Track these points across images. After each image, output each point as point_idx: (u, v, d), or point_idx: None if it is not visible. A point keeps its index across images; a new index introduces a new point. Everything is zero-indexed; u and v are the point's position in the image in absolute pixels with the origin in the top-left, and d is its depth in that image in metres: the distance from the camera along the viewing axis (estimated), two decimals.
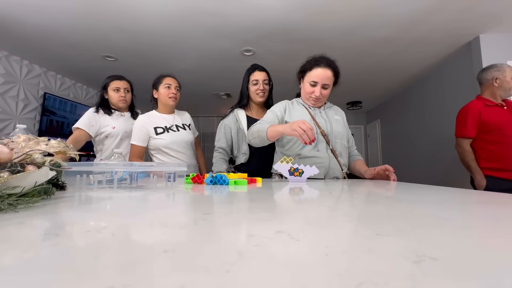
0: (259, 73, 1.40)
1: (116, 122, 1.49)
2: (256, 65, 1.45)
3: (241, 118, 1.41)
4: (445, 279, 0.13)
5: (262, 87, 1.39)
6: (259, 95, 1.39)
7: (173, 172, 0.68)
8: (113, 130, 1.46)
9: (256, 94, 1.40)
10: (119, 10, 2.02)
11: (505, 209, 0.34)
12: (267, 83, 1.41)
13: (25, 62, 2.87)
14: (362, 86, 3.83)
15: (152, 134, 1.37)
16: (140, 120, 1.39)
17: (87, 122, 1.43)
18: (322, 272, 0.14)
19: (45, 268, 0.14)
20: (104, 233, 0.22)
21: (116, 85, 1.50)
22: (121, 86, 1.51)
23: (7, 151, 0.35)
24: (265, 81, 1.39)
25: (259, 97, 1.40)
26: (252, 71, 1.42)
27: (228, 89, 3.99)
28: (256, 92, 1.39)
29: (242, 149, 1.37)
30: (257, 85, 1.39)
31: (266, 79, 1.40)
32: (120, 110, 1.56)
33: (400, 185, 0.77)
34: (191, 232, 0.23)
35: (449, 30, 2.26)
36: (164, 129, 1.39)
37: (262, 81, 1.38)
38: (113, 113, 1.52)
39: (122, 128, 1.48)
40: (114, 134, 1.47)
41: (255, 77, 1.39)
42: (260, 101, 1.41)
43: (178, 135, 1.41)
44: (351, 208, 0.37)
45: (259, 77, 1.39)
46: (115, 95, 1.50)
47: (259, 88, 1.38)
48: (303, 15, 2.07)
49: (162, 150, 1.37)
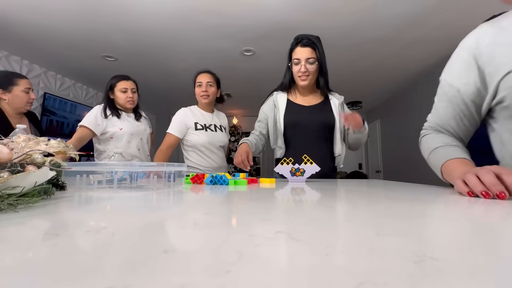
0: (302, 50, 1.08)
1: (123, 123, 1.46)
2: (300, 38, 1.10)
3: (280, 104, 1.16)
4: (445, 279, 0.13)
5: (305, 68, 1.08)
6: (301, 78, 1.10)
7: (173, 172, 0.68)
8: (119, 131, 1.43)
9: (297, 77, 1.12)
10: (119, 10, 2.02)
11: (505, 209, 0.34)
12: (313, 62, 1.08)
13: (25, 62, 2.88)
14: (362, 86, 3.83)
15: (191, 128, 1.35)
16: (181, 111, 1.39)
17: (93, 121, 1.39)
18: (322, 272, 0.14)
19: (45, 268, 0.14)
20: (104, 233, 0.22)
21: (123, 86, 1.47)
22: (128, 86, 1.48)
23: (7, 151, 0.35)
24: (310, 59, 1.08)
25: (301, 80, 1.11)
26: (294, 46, 1.12)
27: (228, 89, 3.99)
28: (298, 75, 1.11)
29: (278, 142, 1.16)
30: (298, 65, 1.09)
31: (311, 57, 1.07)
32: (125, 111, 1.53)
33: (400, 185, 0.77)
34: (191, 232, 0.23)
35: (449, 30, 2.26)
36: (203, 127, 1.39)
37: (304, 60, 1.08)
38: (121, 114, 1.48)
39: (128, 130, 1.45)
40: (120, 136, 1.43)
41: (296, 55, 1.09)
42: (303, 85, 1.12)
43: (214, 136, 1.40)
44: (351, 208, 0.37)
45: (301, 55, 1.08)
46: (122, 96, 1.46)
47: (300, 70, 1.09)
48: (303, 15, 2.07)
49: (198, 148, 1.36)
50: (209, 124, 1.42)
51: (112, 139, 1.43)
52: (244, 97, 4.43)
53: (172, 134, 1.32)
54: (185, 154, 1.41)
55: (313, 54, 1.08)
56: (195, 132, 1.36)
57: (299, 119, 1.14)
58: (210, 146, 1.37)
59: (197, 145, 1.35)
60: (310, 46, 1.08)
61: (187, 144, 1.38)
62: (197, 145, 1.35)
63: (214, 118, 1.47)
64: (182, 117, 1.36)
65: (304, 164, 0.89)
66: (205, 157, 1.38)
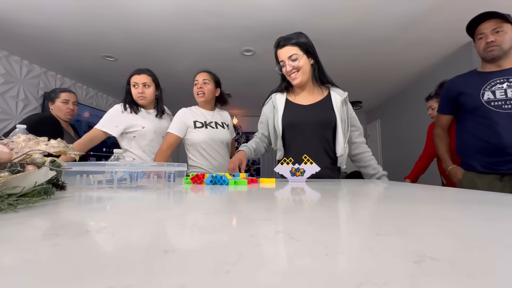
0: (282, 51, 1.09)
1: (145, 121, 1.38)
2: (277, 41, 1.12)
3: (279, 104, 1.15)
4: (445, 279, 0.13)
5: (290, 66, 1.07)
6: (292, 77, 1.10)
7: (173, 172, 0.68)
8: (142, 130, 1.36)
9: (289, 77, 1.12)
10: (119, 10, 2.02)
11: (505, 209, 0.34)
12: (296, 58, 1.06)
13: (25, 62, 2.87)
14: (362, 86, 3.83)
15: (190, 126, 1.35)
16: (181, 111, 1.38)
17: (109, 123, 1.32)
18: (322, 272, 0.14)
19: (45, 268, 0.14)
20: (104, 233, 0.22)
21: (134, 81, 1.37)
22: (139, 81, 1.36)
23: (7, 151, 0.35)
24: (292, 56, 1.06)
25: (293, 79, 1.10)
26: (275, 51, 1.13)
27: (228, 89, 3.99)
28: (288, 75, 1.11)
29: (277, 143, 1.15)
30: (284, 66, 1.10)
31: (291, 54, 1.06)
32: (144, 108, 1.43)
33: (400, 185, 0.77)
34: (191, 232, 0.23)
35: (449, 30, 2.26)
36: (203, 124, 1.38)
37: (287, 59, 1.07)
38: (140, 111, 1.40)
39: (151, 128, 1.38)
40: (143, 134, 1.36)
41: (280, 58, 1.10)
42: (296, 84, 1.11)
43: (215, 132, 1.39)
44: (351, 208, 0.37)
45: (282, 56, 1.08)
46: (134, 91, 1.37)
47: (287, 70, 1.09)
48: (303, 15, 2.07)
49: (199, 146, 1.35)
50: (210, 121, 1.41)
51: (135, 138, 1.37)
52: (244, 97, 4.44)
53: (172, 134, 1.32)
54: (188, 155, 1.41)
55: (293, 51, 1.07)
56: (195, 130, 1.35)
57: (297, 119, 1.12)
58: (211, 143, 1.36)
59: (197, 143, 1.35)
60: (288, 44, 1.08)
61: (188, 143, 1.38)
62: (197, 143, 1.35)
63: (215, 115, 1.46)
64: (182, 116, 1.36)
65: (304, 164, 0.89)
66: (207, 156, 1.37)
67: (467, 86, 1.23)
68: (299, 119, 1.12)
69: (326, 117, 1.11)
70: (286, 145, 1.15)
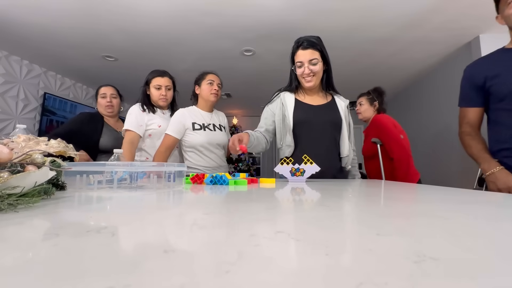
0: (303, 53, 1.09)
1: (161, 120, 1.43)
2: (300, 41, 1.12)
3: (288, 103, 1.16)
4: (445, 279, 0.13)
5: (308, 69, 1.09)
6: (306, 79, 1.12)
7: (173, 172, 0.68)
8: (158, 128, 1.39)
9: (302, 78, 1.13)
10: (119, 10, 2.02)
11: (505, 209, 0.34)
12: (316, 63, 1.09)
13: (25, 62, 2.88)
14: (362, 86, 3.82)
15: (189, 128, 1.35)
16: (179, 112, 1.38)
17: (135, 123, 1.36)
18: (322, 272, 0.14)
19: (45, 268, 0.14)
20: (104, 233, 0.22)
21: (157, 83, 1.42)
22: (163, 84, 1.43)
23: (7, 151, 0.35)
24: (313, 60, 1.09)
25: (306, 82, 1.12)
26: (295, 50, 1.13)
27: (228, 89, 3.99)
28: (303, 76, 1.12)
29: (287, 140, 1.14)
30: (302, 68, 1.11)
31: (313, 58, 1.09)
32: (161, 108, 1.49)
33: (400, 185, 0.77)
34: (191, 232, 0.23)
35: (449, 30, 2.26)
36: (202, 126, 1.38)
37: (307, 62, 1.09)
38: (156, 111, 1.45)
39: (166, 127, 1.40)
40: (158, 133, 1.39)
41: (299, 58, 1.11)
42: (308, 86, 1.14)
43: (213, 135, 1.39)
44: (351, 208, 0.37)
45: (303, 57, 1.09)
46: (156, 93, 1.43)
47: (304, 72, 1.10)
48: (303, 15, 2.07)
49: (197, 148, 1.35)
50: (208, 123, 1.41)
51: (151, 137, 1.40)
52: (244, 97, 4.43)
53: (170, 135, 1.32)
54: (184, 156, 1.40)
55: (315, 55, 1.09)
56: (193, 132, 1.35)
57: (309, 117, 1.13)
58: (209, 145, 1.37)
59: (195, 145, 1.35)
60: (311, 47, 1.09)
61: (186, 145, 1.38)
62: (195, 145, 1.35)
63: (213, 117, 1.46)
64: (180, 118, 1.36)
65: (304, 164, 0.89)
66: (204, 157, 1.37)
67: (497, 68, 0.95)
68: (310, 117, 1.14)
69: (335, 117, 1.16)
70: (297, 142, 1.14)
